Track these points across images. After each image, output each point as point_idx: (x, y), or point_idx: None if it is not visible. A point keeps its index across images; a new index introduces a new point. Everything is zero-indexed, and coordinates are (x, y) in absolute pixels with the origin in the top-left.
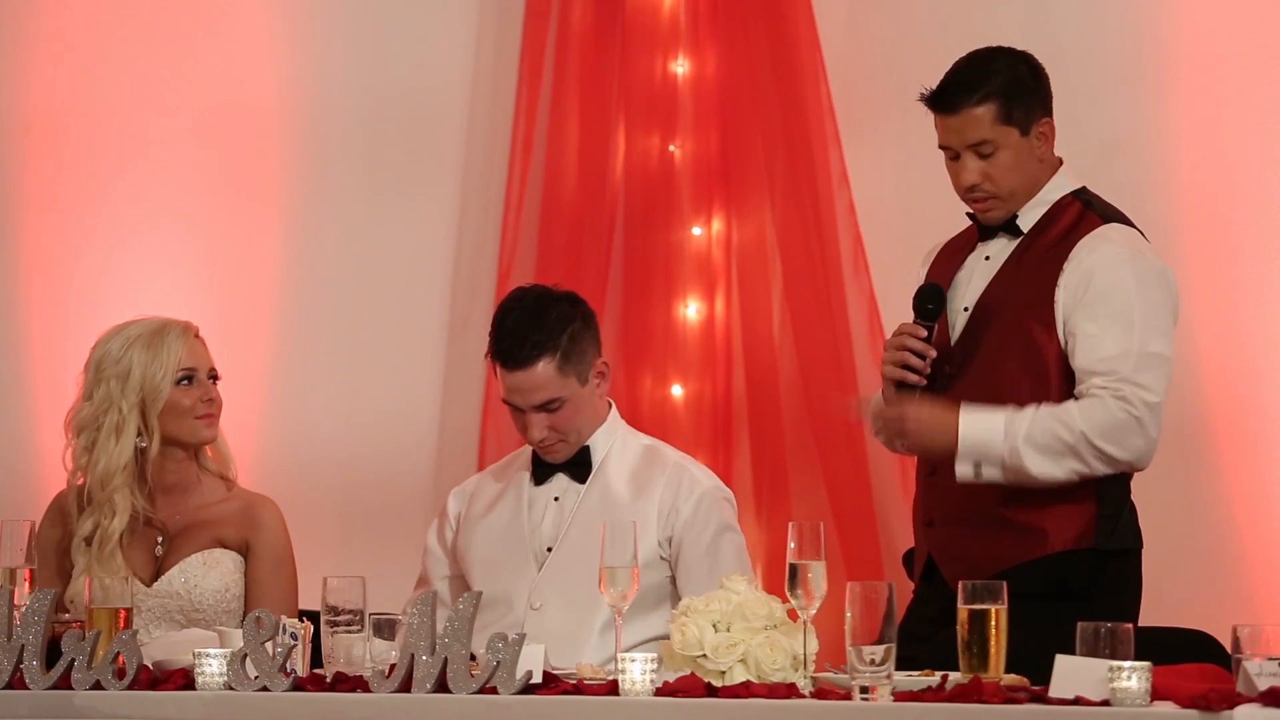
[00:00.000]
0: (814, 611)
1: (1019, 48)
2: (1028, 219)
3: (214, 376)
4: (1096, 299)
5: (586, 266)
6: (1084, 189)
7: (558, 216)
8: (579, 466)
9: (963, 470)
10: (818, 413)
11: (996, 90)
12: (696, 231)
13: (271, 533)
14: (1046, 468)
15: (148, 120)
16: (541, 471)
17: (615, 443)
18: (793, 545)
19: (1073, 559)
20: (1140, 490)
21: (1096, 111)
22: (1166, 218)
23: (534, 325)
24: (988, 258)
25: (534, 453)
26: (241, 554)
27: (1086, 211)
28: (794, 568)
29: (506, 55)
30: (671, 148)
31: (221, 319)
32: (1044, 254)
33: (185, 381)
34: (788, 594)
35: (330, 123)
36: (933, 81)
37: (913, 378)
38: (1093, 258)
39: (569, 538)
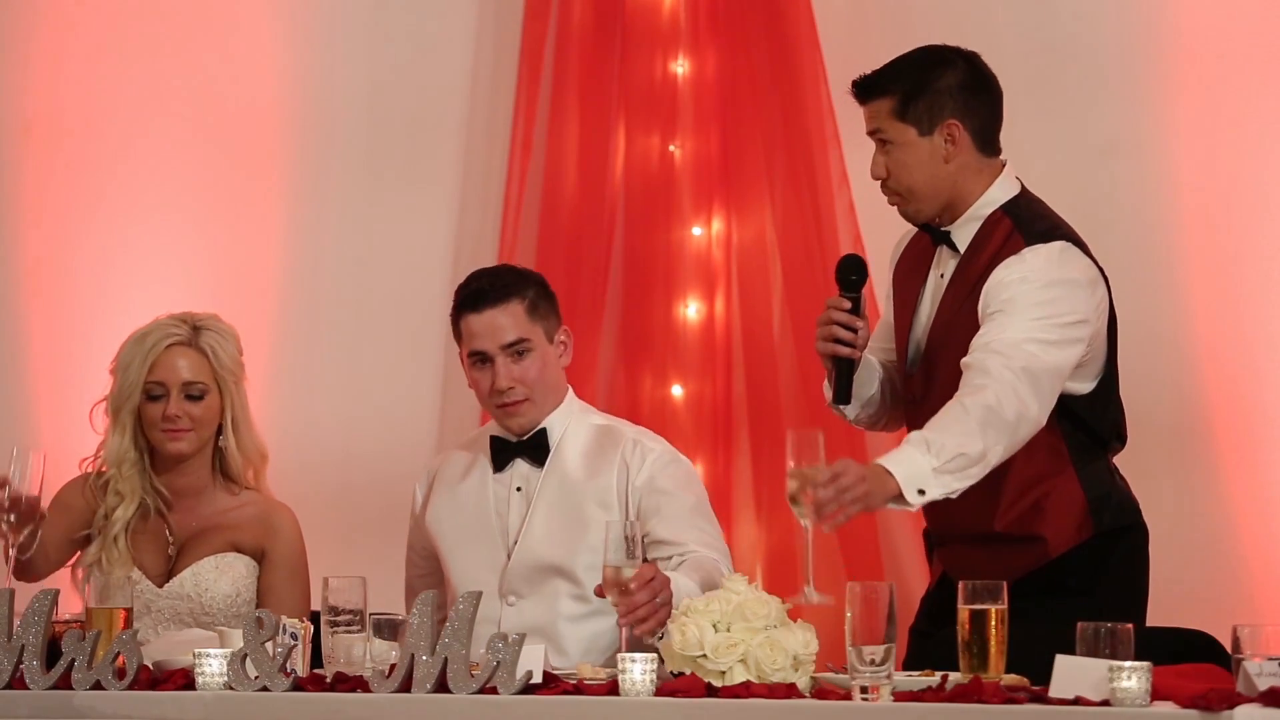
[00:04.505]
0: (815, 524)
1: (1019, 48)
2: (962, 236)
3: (194, 395)
4: (991, 307)
5: (586, 266)
6: (1016, 200)
7: (558, 216)
8: (537, 450)
9: (910, 494)
10: (818, 413)
11: (899, 86)
12: (696, 231)
13: (288, 540)
14: (966, 440)
15: (148, 119)
16: (501, 458)
17: (570, 425)
18: (791, 460)
19: (1082, 551)
20: (1141, 490)
21: (1096, 111)
22: (1166, 218)
23: (503, 273)
24: (942, 275)
25: (491, 444)
26: (257, 560)
27: (1014, 232)
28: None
29: (506, 55)
30: (671, 148)
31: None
32: (975, 281)
33: (153, 397)
34: (790, 506)
35: (330, 122)
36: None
37: (844, 350)
38: (997, 276)
39: (531, 529)
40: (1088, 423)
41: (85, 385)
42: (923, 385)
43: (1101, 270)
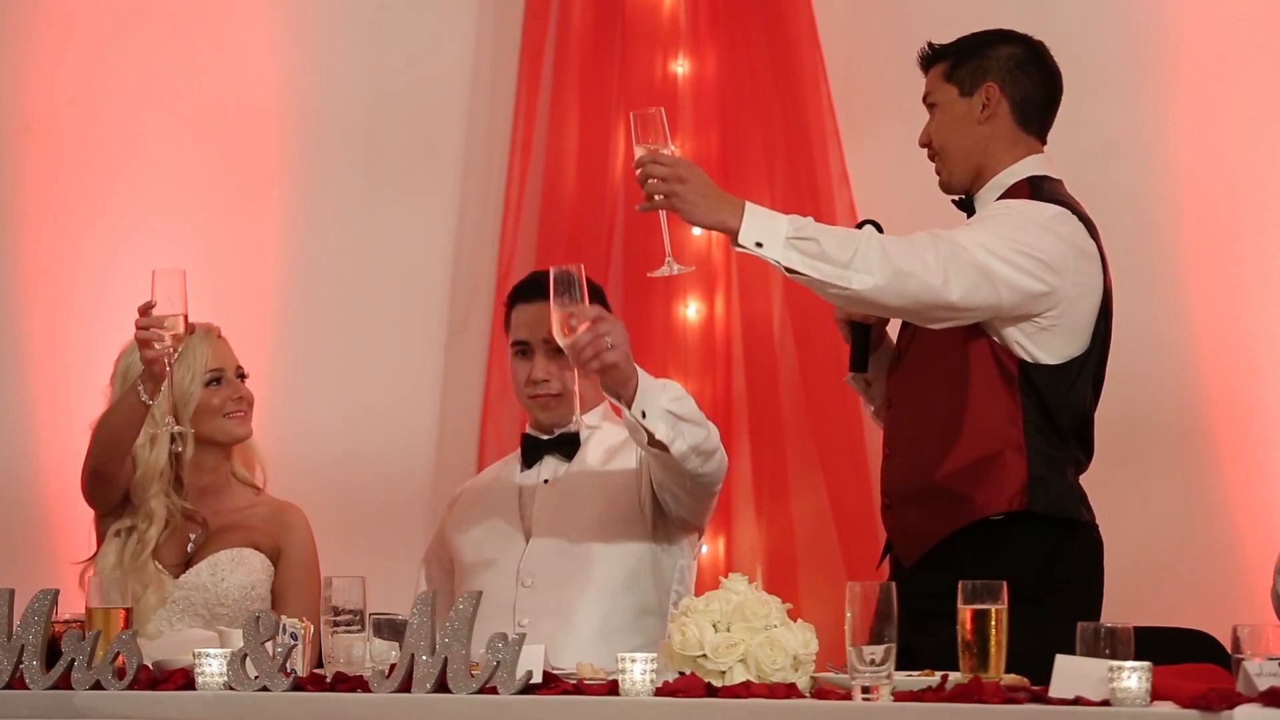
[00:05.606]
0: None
1: None
2: (982, 203)
3: (242, 375)
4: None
5: (586, 267)
6: (1045, 177)
7: (558, 216)
8: (567, 445)
9: (746, 239)
10: (818, 413)
11: (954, 53)
12: (696, 231)
13: (302, 538)
14: (833, 240)
15: (147, 120)
16: (530, 455)
17: (605, 426)
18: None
19: (1010, 529)
20: (1140, 489)
21: (1096, 111)
22: (1166, 218)
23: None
24: None
25: (522, 441)
26: (272, 559)
27: (1027, 197)
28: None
29: (506, 55)
30: (672, 147)
31: (221, 319)
32: None
33: (214, 382)
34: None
35: (330, 123)
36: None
37: (859, 315)
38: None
39: (552, 514)
40: (1045, 399)
41: (85, 387)
42: (906, 339)
43: (1104, 257)
